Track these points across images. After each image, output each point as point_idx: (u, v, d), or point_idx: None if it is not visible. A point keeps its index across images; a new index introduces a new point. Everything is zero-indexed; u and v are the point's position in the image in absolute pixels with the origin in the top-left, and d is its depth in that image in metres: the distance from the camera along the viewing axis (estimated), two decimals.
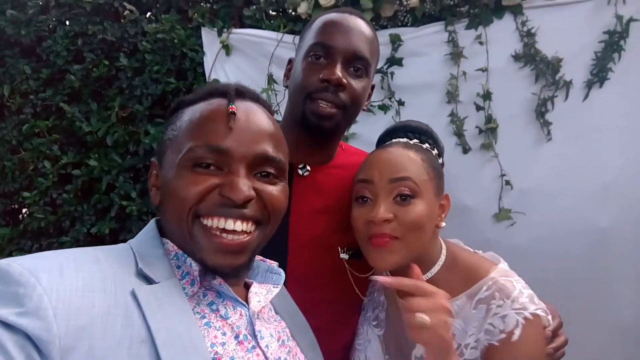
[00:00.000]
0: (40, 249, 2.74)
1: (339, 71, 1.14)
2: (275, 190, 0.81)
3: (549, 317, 1.01)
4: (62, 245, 2.68)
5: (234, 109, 0.78)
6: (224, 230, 0.76)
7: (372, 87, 1.31)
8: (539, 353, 0.98)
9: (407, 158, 1.06)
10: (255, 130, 0.80)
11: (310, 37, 1.20)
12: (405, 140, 1.15)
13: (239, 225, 0.77)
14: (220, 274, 0.79)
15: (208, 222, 0.76)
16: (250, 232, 0.79)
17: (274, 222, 0.84)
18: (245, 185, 0.75)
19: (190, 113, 0.82)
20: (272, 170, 0.81)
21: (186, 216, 0.76)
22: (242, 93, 0.84)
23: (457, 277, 1.07)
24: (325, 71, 1.14)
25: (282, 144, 0.86)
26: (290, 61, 1.32)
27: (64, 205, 2.70)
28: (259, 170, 0.80)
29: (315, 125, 1.17)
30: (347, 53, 1.16)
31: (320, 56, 1.16)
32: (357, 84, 1.18)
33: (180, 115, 0.84)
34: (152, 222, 0.86)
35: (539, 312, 0.97)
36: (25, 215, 2.90)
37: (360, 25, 1.21)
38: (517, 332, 0.95)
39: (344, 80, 1.14)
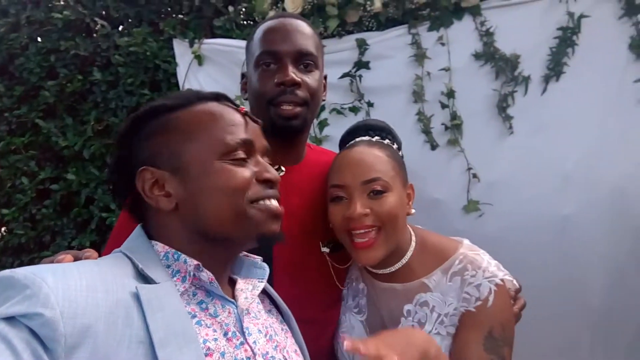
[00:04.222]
0: (22, 264, 2.74)
1: (290, 72, 1.20)
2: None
3: (514, 280, 1.15)
4: (43, 261, 2.69)
5: (244, 109, 0.91)
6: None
7: (325, 78, 1.37)
8: (509, 315, 1.11)
9: (374, 157, 1.15)
10: (256, 126, 0.92)
11: (255, 48, 1.26)
12: (367, 138, 1.23)
13: (275, 202, 0.89)
14: (271, 242, 0.90)
15: (260, 203, 0.86)
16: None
17: None
18: (271, 170, 0.89)
19: (200, 115, 0.87)
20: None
21: (242, 203, 0.83)
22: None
23: (429, 257, 1.18)
24: (279, 75, 1.20)
25: None
26: (243, 76, 1.38)
27: (44, 220, 2.71)
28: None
29: (284, 127, 1.22)
30: (293, 53, 1.22)
31: (269, 63, 1.22)
32: (310, 79, 1.24)
33: (178, 120, 0.86)
34: (138, 229, 0.88)
35: (506, 277, 1.11)
36: (5, 232, 2.90)
37: (298, 24, 1.27)
38: (491, 298, 1.07)
39: (298, 79, 1.20)
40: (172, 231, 0.84)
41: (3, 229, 2.91)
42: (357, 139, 1.24)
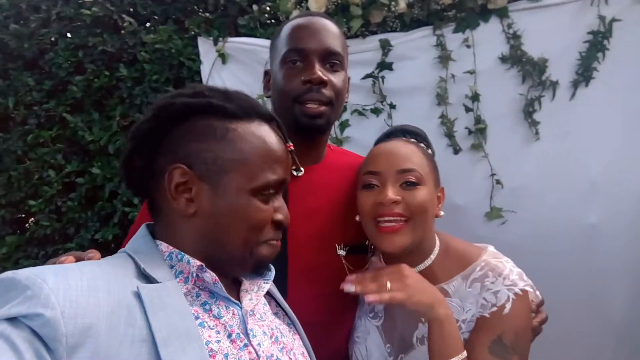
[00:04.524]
0: (47, 255, 2.82)
1: (317, 70, 1.20)
2: None
3: (537, 292, 1.12)
4: (67, 252, 2.75)
5: (291, 147, 0.96)
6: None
7: (348, 80, 1.36)
8: (525, 325, 1.08)
9: (411, 150, 1.16)
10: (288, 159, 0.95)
11: (282, 45, 1.26)
12: (404, 138, 1.24)
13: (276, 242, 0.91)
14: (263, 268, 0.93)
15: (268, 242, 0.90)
16: None
17: None
18: (286, 209, 0.92)
19: (254, 139, 0.86)
20: None
21: (256, 239, 0.86)
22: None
23: (451, 262, 1.17)
24: (305, 73, 1.20)
25: None
26: (266, 73, 1.37)
27: (69, 213, 2.77)
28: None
29: (308, 126, 1.22)
30: (320, 52, 1.22)
31: (296, 60, 1.22)
32: (336, 78, 1.24)
33: (234, 133, 0.84)
34: (143, 228, 0.88)
35: (527, 288, 1.08)
36: (31, 223, 2.97)
37: (326, 24, 1.27)
38: (508, 306, 1.05)
39: (325, 78, 1.20)
40: (181, 233, 0.85)
41: (31, 220, 2.99)
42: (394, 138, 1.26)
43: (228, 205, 0.82)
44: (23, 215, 3.03)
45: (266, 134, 0.88)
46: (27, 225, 3.05)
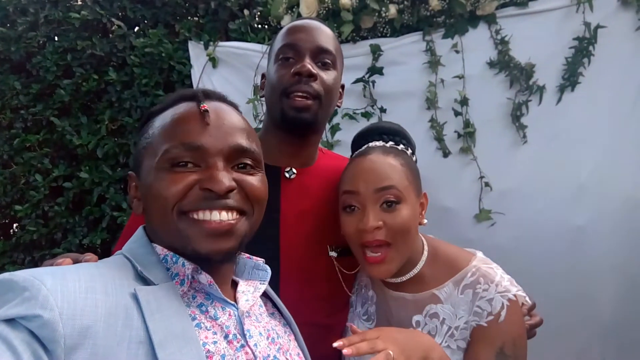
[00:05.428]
0: (33, 261, 2.78)
1: (308, 64, 1.21)
2: (254, 180, 0.85)
3: (526, 297, 1.13)
4: (54, 257, 2.71)
5: (205, 107, 0.82)
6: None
7: (342, 87, 1.38)
8: (521, 331, 1.10)
9: (389, 165, 1.13)
10: (228, 125, 0.83)
11: (277, 44, 1.29)
12: (381, 144, 1.21)
13: (224, 215, 0.79)
14: (212, 262, 0.81)
15: (193, 215, 0.79)
16: (235, 219, 0.81)
17: (259, 212, 0.87)
18: (224, 177, 0.78)
19: (162, 119, 0.85)
20: (248, 162, 0.85)
21: (170, 214, 0.78)
22: (209, 95, 0.88)
23: (440, 268, 1.17)
24: (296, 66, 1.21)
25: (254, 136, 0.89)
26: (263, 76, 1.40)
27: (56, 218, 2.74)
28: (236, 162, 0.83)
29: (294, 119, 1.22)
30: (313, 48, 1.24)
31: (289, 57, 1.24)
32: (327, 76, 1.25)
33: (151, 124, 0.87)
34: (140, 230, 0.88)
35: (519, 293, 1.09)
36: (17, 229, 2.93)
37: (321, 26, 1.30)
38: (503, 314, 1.06)
39: (314, 71, 1.21)
40: (152, 233, 0.86)
41: (15, 225, 2.94)
42: (371, 144, 1.22)
43: (145, 188, 0.82)
44: (7, 221, 2.98)
45: (176, 110, 0.84)
46: (11, 230, 3.00)
